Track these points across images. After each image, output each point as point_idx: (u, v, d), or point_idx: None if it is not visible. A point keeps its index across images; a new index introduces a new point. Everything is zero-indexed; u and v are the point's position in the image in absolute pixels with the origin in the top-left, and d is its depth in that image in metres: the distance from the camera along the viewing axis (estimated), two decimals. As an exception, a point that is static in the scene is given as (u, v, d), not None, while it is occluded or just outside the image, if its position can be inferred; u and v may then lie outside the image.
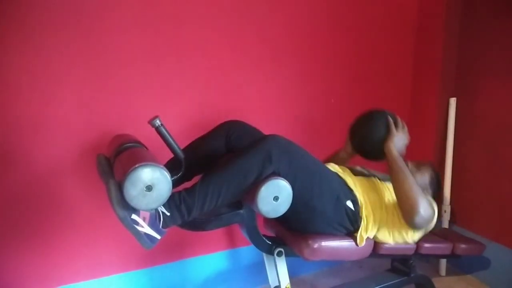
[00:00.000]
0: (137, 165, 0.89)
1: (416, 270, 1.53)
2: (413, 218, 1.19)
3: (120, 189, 0.90)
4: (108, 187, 0.92)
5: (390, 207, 1.31)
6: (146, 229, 0.97)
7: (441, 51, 1.97)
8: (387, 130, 1.34)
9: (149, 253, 1.52)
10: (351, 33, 1.93)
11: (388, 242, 1.32)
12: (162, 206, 1.01)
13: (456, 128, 1.97)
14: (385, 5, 1.99)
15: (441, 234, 1.58)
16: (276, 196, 1.07)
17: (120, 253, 1.56)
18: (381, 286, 1.49)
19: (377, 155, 1.36)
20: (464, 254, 1.55)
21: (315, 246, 1.21)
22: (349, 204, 1.25)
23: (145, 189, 0.90)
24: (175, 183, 1.13)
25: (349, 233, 1.30)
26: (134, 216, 0.94)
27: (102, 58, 1.41)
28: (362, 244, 1.28)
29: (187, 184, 1.13)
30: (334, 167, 1.40)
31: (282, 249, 1.30)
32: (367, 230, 1.28)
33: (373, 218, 1.28)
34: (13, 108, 1.31)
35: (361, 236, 1.27)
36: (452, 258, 1.64)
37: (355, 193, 1.29)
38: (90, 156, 1.37)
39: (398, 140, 1.32)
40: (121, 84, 1.46)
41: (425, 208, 1.18)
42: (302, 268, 1.96)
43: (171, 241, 1.60)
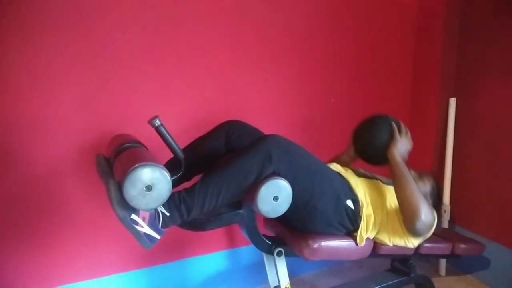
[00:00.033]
0: (136, 165, 0.90)
1: (416, 270, 1.53)
2: (414, 223, 1.19)
3: (120, 189, 0.91)
4: (107, 187, 0.92)
5: (391, 212, 1.31)
6: (145, 229, 0.97)
7: (441, 51, 1.97)
8: (391, 135, 1.34)
9: (148, 253, 1.52)
10: (351, 33, 1.93)
11: (388, 244, 1.33)
12: (161, 206, 1.01)
13: (456, 128, 1.97)
14: (385, 5, 1.99)
15: (441, 234, 1.58)
16: (276, 196, 1.07)
17: (120, 253, 1.56)
18: (381, 286, 1.49)
19: (380, 160, 1.37)
20: (464, 254, 1.55)
21: (315, 246, 1.22)
22: (349, 203, 1.25)
23: (144, 189, 0.90)
24: (175, 183, 1.13)
25: (349, 232, 1.30)
26: (133, 216, 0.94)
27: (102, 58, 1.41)
28: (362, 244, 1.28)
29: (187, 184, 1.13)
30: (337, 167, 1.41)
31: (282, 249, 1.30)
32: (367, 230, 1.28)
33: (374, 219, 1.28)
34: (13, 108, 1.31)
35: (361, 236, 1.27)
36: (452, 258, 1.64)
37: (356, 193, 1.29)
38: (90, 156, 1.37)
39: (401, 146, 1.32)
40: (121, 84, 1.46)
41: (426, 213, 1.18)
42: (302, 268, 1.96)
43: (171, 241, 1.60)
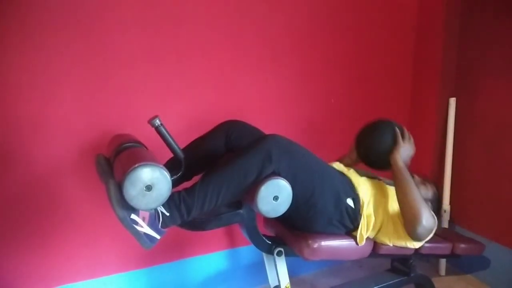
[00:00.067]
0: (136, 164, 0.90)
1: (416, 270, 1.53)
2: (415, 228, 1.19)
3: (120, 189, 0.91)
4: (107, 187, 0.92)
5: (393, 212, 1.31)
6: (145, 229, 0.97)
7: (441, 51, 1.96)
8: (394, 140, 1.35)
9: (148, 253, 1.52)
10: (351, 33, 1.93)
11: (388, 244, 1.33)
12: (161, 206, 1.01)
13: (456, 128, 1.97)
14: (385, 5, 1.99)
15: (441, 234, 1.58)
16: (276, 196, 1.07)
17: (119, 252, 1.56)
18: (381, 286, 1.49)
19: (382, 165, 1.37)
20: (464, 254, 1.55)
21: (315, 245, 1.22)
22: (350, 202, 1.25)
23: (144, 188, 0.90)
24: (175, 183, 1.13)
25: (349, 231, 1.30)
26: (133, 216, 0.94)
27: (102, 58, 1.41)
28: (362, 243, 1.28)
29: (187, 184, 1.13)
30: (340, 166, 1.41)
31: (282, 249, 1.30)
32: (367, 229, 1.28)
33: (374, 218, 1.28)
34: (13, 108, 1.31)
35: (361, 235, 1.27)
36: (452, 258, 1.64)
37: (358, 192, 1.29)
38: (90, 156, 1.37)
39: (404, 152, 1.33)
40: (121, 84, 1.46)
41: (427, 218, 1.19)
42: (302, 268, 1.96)
43: (170, 240, 1.60)
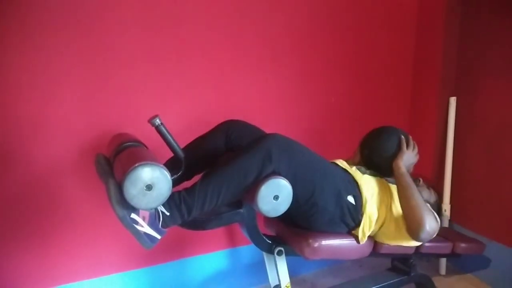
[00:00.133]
0: (137, 164, 0.90)
1: (416, 269, 1.53)
2: (419, 234, 1.19)
3: (120, 188, 0.91)
4: (107, 187, 0.92)
5: (395, 210, 1.30)
6: (145, 228, 0.97)
7: (441, 51, 1.96)
8: (398, 147, 1.37)
9: (149, 252, 1.52)
10: (351, 33, 1.93)
11: (389, 244, 1.33)
12: (161, 206, 1.01)
13: (456, 128, 1.96)
14: (385, 5, 1.99)
15: (442, 233, 1.57)
16: (276, 195, 1.07)
17: (120, 252, 1.56)
18: (381, 285, 1.49)
19: (385, 170, 1.38)
20: (464, 253, 1.55)
21: (316, 245, 1.21)
22: (350, 199, 1.25)
23: (145, 188, 0.90)
24: (175, 182, 1.13)
25: (350, 230, 1.30)
26: (133, 216, 0.94)
27: (102, 58, 1.41)
28: (364, 240, 1.28)
29: (187, 184, 1.13)
30: (342, 163, 1.40)
31: (282, 248, 1.30)
32: (370, 226, 1.28)
33: (377, 215, 1.28)
34: (13, 108, 1.31)
35: (363, 232, 1.27)
36: (452, 257, 1.64)
37: (360, 188, 1.29)
38: (90, 156, 1.37)
39: (407, 159, 1.36)
40: (121, 84, 1.46)
41: (430, 223, 1.19)
42: (303, 267, 1.96)
43: (171, 240, 1.60)
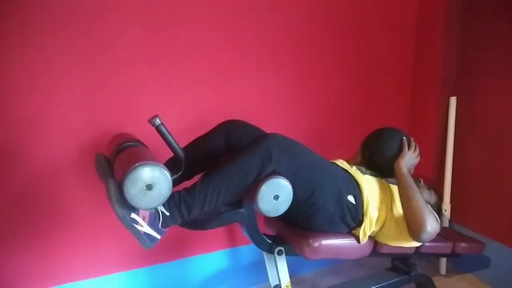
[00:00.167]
0: (137, 164, 0.90)
1: (416, 269, 1.53)
2: (420, 234, 1.20)
3: (119, 188, 0.91)
4: (107, 186, 0.92)
5: (396, 214, 1.30)
6: (145, 228, 0.97)
7: (441, 51, 1.96)
8: (400, 148, 1.38)
9: (149, 252, 1.52)
10: (351, 33, 1.93)
11: (389, 243, 1.33)
12: (161, 206, 1.00)
13: (457, 127, 1.96)
14: (385, 4, 1.99)
15: (442, 233, 1.58)
16: (276, 195, 1.07)
17: (120, 252, 1.56)
18: (381, 285, 1.49)
19: (386, 171, 1.39)
20: (464, 253, 1.55)
21: (316, 244, 1.21)
22: (351, 198, 1.25)
23: (145, 188, 0.90)
24: (175, 182, 1.13)
25: (351, 229, 1.30)
26: (133, 215, 0.94)
27: (102, 58, 1.41)
28: (365, 240, 1.28)
29: (187, 183, 1.13)
30: (343, 163, 1.41)
31: (282, 248, 1.30)
32: (370, 226, 1.28)
33: (378, 215, 1.28)
34: (13, 108, 1.31)
35: (364, 232, 1.27)
36: (453, 257, 1.64)
37: (360, 188, 1.29)
38: (90, 156, 1.37)
39: (408, 160, 1.36)
40: (121, 84, 1.46)
41: (432, 224, 1.19)
42: (303, 267, 1.96)
43: (171, 240, 1.60)
